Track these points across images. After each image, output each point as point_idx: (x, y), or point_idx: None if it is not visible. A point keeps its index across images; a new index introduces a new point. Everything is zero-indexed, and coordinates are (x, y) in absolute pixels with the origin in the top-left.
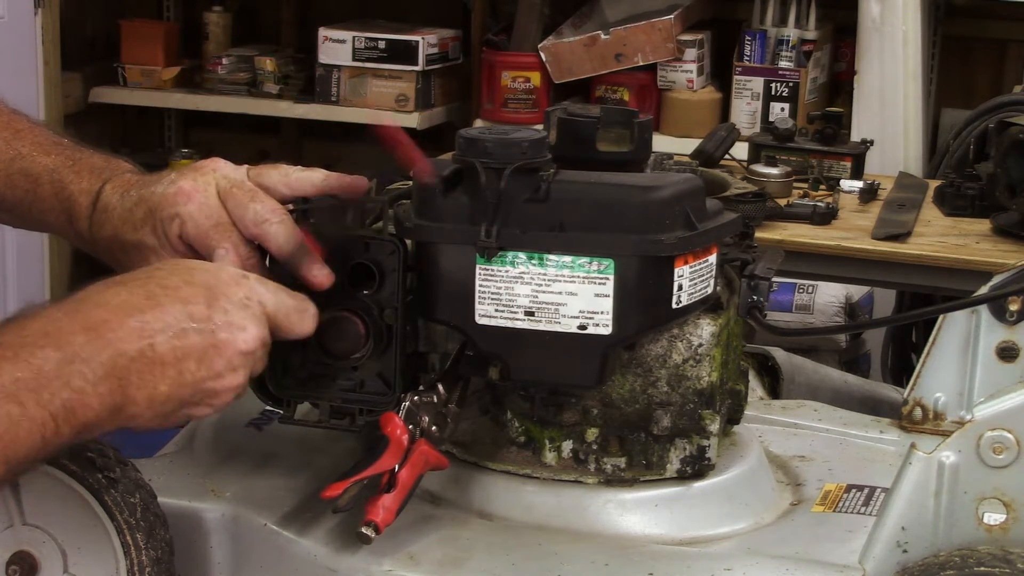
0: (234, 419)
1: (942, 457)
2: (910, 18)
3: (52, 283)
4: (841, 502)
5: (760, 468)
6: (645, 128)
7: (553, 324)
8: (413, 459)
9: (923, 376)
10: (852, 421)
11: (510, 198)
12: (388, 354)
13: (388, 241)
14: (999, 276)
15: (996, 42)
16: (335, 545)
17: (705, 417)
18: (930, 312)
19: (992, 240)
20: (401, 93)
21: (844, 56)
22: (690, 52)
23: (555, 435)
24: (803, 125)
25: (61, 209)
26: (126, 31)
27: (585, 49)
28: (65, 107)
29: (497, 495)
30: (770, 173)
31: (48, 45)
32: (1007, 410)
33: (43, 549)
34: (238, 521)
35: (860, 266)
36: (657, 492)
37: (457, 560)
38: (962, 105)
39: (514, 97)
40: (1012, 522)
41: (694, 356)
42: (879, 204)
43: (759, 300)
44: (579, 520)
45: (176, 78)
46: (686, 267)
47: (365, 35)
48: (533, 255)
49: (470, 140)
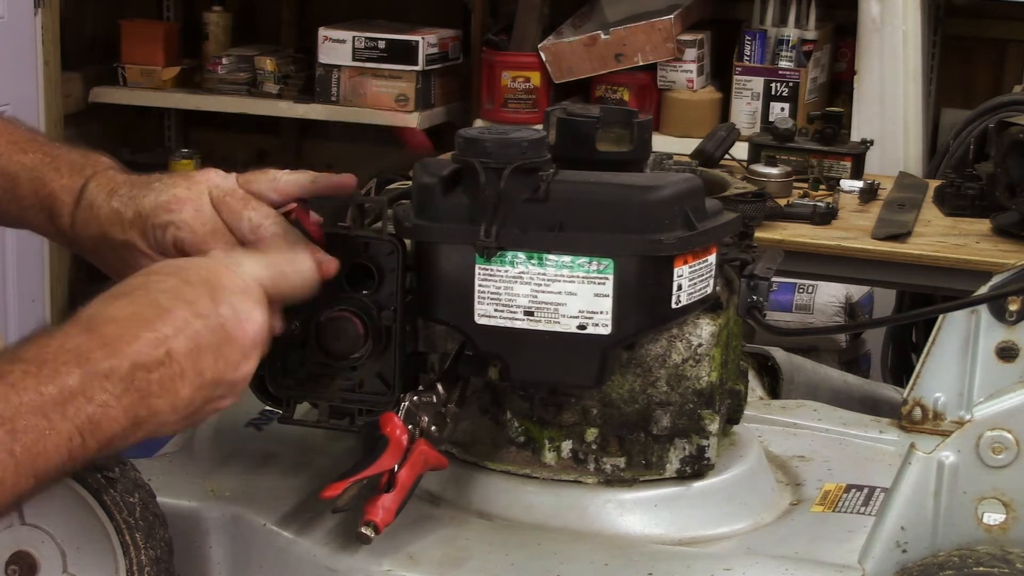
0: (233, 419)
1: (941, 457)
2: (910, 18)
3: (52, 283)
4: (840, 502)
5: (760, 468)
6: (644, 128)
7: (552, 324)
8: (412, 459)
9: (923, 376)
10: (852, 421)
11: (509, 198)
12: (387, 354)
13: (387, 241)
14: (999, 276)
15: (996, 42)
16: (334, 545)
17: (704, 417)
18: (930, 312)
19: (992, 240)
20: (401, 93)
21: (844, 56)
22: (690, 52)
23: (555, 435)
24: (803, 125)
25: (41, 207)
26: (126, 31)
27: (585, 49)
28: (65, 107)
29: (497, 495)
30: (770, 173)
31: (48, 45)
32: (1006, 410)
33: (42, 549)
34: (237, 521)
35: (860, 266)
36: (656, 492)
37: (456, 560)
38: (962, 105)
39: (514, 97)
40: (1011, 522)
41: (693, 356)
42: (879, 204)
43: (758, 300)
44: (578, 520)
45: (176, 78)
46: (685, 267)
47: (365, 35)
48: (532, 255)
49: (469, 140)
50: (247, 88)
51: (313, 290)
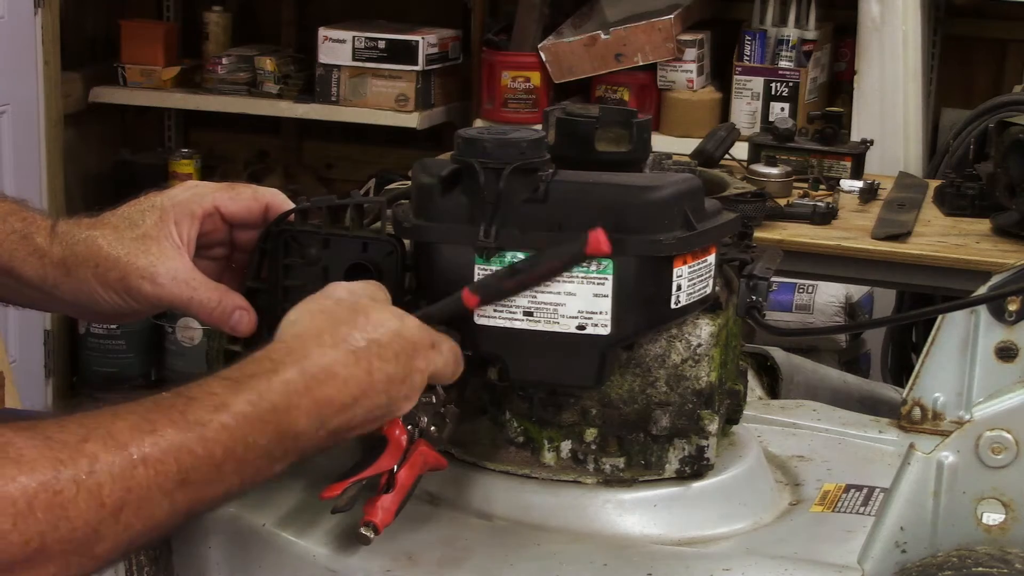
0: None
1: (941, 457)
2: (910, 18)
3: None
4: (840, 502)
5: (759, 468)
6: (644, 128)
7: (552, 324)
8: (412, 459)
9: (922, 376)
10: (851, 421)
11: (509, 198)
12: None
13: (386, 241)
14: (998, 276)
15: (996, 42)
16: (334, 545)
17: (704, 417)
18: (930, 312)
19: (992, 240)
20: (401, 93)
21: (844, 56)
22: (690, 52)
23: (554, 435)
24: (803, 125)
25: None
26: (126, 31)
27: (585, 49)
28: (65, 107)
29: (496, 495)
30: (770, 173)
31: (48, 45)
32: (1006, 410)
33: None
34: (237, 521)
35: (860, 266)
36: (656, 492)
37: (456, 560)
38: (962, 105)
39: (514, 97)
40: (1011, 522)
41: (693, 356)
42: (879, 204)
43: (758, 300)
44: (578, 520)
45: (176, 78)
46: (685, 267)
47: (365, 35)
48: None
49: (469, 140)
50: (247, 88)
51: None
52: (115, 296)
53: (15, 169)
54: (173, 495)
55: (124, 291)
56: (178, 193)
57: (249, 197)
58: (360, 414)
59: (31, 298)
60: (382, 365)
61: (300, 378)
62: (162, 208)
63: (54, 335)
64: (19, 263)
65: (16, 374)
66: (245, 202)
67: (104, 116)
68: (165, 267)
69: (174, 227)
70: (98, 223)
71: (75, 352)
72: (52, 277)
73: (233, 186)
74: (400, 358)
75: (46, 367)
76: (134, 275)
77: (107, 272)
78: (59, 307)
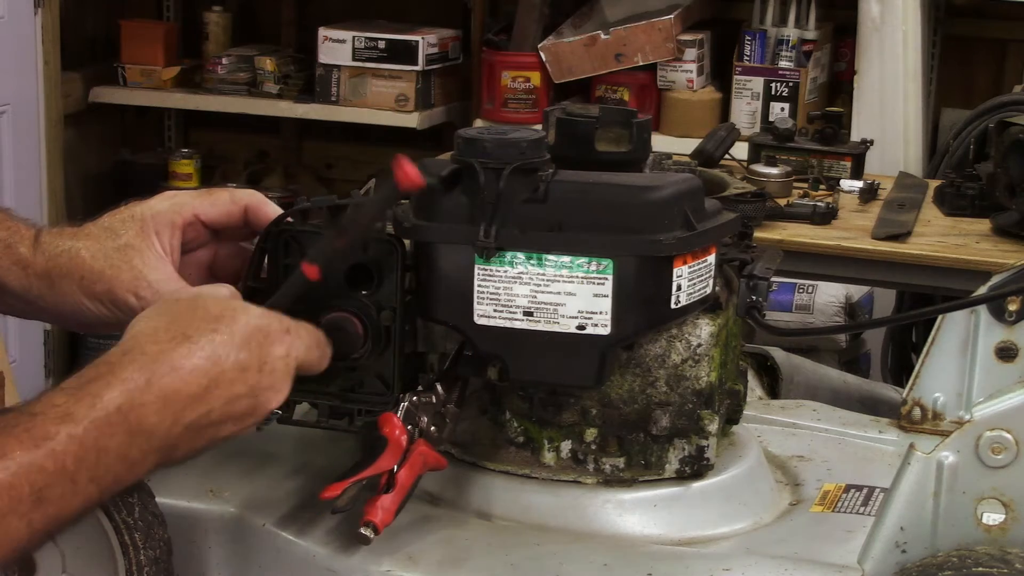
0: None
1: (941, 457)
2: (910, 18)
3: None
4: (840, 502)
5: (759, 468)
6: (644, 128)
7: (552, 324)
8: (412, 460)
9: (922, 376)
10: (851, 421)
11: (509, 198)
12: (387, 354)
13: (386, 241)
14: (998, 276)
15: (996, 42)
16: (334, 546)
17: (704, 417)
18: (930, 312)
19: (992, 240)
20: (401, 93)
21: (844, 56)
22: (690, 52)
23: (554, 435)
24: (803, 125)
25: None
26: (126, 31)
27: (585, 49)
28: (65, 107)
29: (496, 495)
30: (770, 173)
31: (48, 45)
32: (1006, 410)
33: (41, 549)
34: (237, 521)
35: (860, 266)
36: (656, 492)
37: (456, 560)
38: (962, 105)
39: (514, 97)
40: (1011, 522)
41: (693, 356)
42: (879, 204)
43: (758, 300)
44: (578, 520)
45: (176, 78)
46: (685, 267)
47: (365, 35)
48: (532, 255)
49: (469, 140)
50: (247, 88)
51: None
52: (102, 308)
53: (15, 169)
54: (30, 516)
55: (111, 303)
56: (157, 204)
57: (227, 201)
58: (218, 406)
59: (15, 307)
60: (229, 352)
61: (140, 375)
62: (142, 219)
63: (54, 335)
64: (3, 273)
65: (16, 374)
66: (224, 207)
67: (104, 116)
68: (151, 277)
69: (155, 237)
70: (79, 234)
71: (75, 352)
72: (36, 288)
73: (211, 192)
74: (250, 345)
75: (46, 367)
76: (120, 287)
77: (92, 284)
78: (43, 317)
